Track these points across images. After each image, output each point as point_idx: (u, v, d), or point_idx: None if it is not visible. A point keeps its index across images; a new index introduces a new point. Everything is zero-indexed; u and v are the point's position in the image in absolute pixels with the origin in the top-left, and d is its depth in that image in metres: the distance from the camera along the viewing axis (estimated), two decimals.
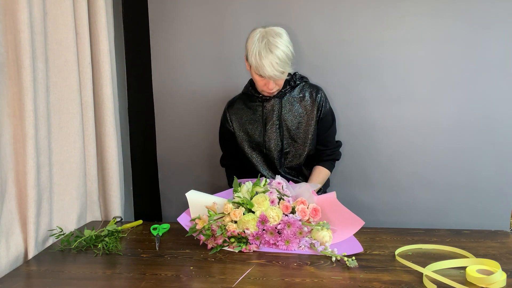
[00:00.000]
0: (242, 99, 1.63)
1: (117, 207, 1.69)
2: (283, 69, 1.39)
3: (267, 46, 1.36)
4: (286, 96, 1.56)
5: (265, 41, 1.37)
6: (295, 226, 1.22)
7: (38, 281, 1.10)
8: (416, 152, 1.87)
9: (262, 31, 1.41)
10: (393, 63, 1.82)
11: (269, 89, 1.46)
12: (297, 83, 1.57)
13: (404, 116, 1.85)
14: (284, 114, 1.55)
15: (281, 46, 1.37)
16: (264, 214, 1.23)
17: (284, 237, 1.22)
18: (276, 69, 1.37)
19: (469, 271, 1.02)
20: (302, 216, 1.26)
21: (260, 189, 1.32)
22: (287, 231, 1.22)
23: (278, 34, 1.40)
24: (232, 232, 1.22)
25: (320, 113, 1.56)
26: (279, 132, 1.56)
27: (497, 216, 1.87)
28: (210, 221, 1.26)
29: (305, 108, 1.56)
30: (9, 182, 1.26)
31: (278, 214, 1.24)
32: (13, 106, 1.26)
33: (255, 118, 1.58)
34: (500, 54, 1.76)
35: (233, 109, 1.63)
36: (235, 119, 1.61)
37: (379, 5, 1.79)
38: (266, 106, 1.56)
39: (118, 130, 1.75)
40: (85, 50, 1.53)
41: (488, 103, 1.80)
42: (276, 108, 1.55)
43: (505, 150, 1.82)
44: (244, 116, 1.60)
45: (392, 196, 1.92)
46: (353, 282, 1.03)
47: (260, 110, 1.57)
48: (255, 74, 1.43)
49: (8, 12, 1.22)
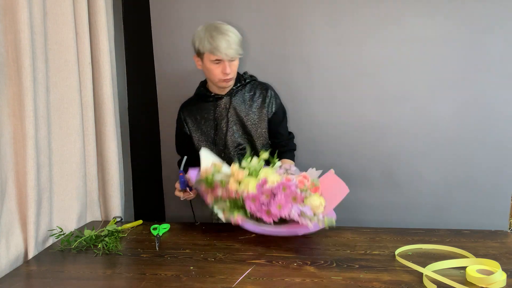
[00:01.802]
0: (195, 100, 1.65)
1: (117, 207, 1.69)
2: (237, 47, 1.44)
3: (216, 29, 1.43)
4: (238, 94, 1.60)
5: (213, 27, 1.44)
6: (290, 189, 1.23)
7: (38, 281, 1.10)
8: (416, 152, 1.87)
9: (205, 24, 1.47)
10: (392, 63, 1.82)
11: (226, 74, 1.48)
12: (247, 81, 1.62)
13: (404, 116, 1.85)
14: (237, 110, 1.58)
15: (229, 29, 1.44)
16: (266, 178, 1.26)
17: (277, 201, 1.22)
18: (231, 46, 1.42)
19: (469, 271, 1.03)
20: (300, 185, 1.27)
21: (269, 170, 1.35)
22: (281, 195, 1.22)
23: (221, 23, 1.47)
24: (231, 193, 1.26)
25: (271, 109, 1.60)
26: (234, 128, 1.59)
27: (496, 216, 1.87)
28: (214, 172, 1.30)
29: (257, 104, 1.60)
30: (9, 182, 1.26)
31: (278, 179, 1.26)
32: (13, 106, 1.26)
33: (209, 117, 1.60)
34: (499, 54, 1.76)
35: (187, 110, 1.64)
36: (190, 120, 1.62)
37: (378, 5, 1.79)
38: (219, 104, 1.59)
39: (118, 130, 1.75)
40: (85, 50, 1.54)
41: (488, 103, 1.80)
42: (229, 105, 1.58)
43: (504, 150, 1.82)
44: (198, 115, 1.62)
45: (392, 196, 1.92)
46: (353, 282, 1.03)
47: (213, 109, 1.60)
48: (210, 62, 1.46)
49: (8, 12, 1.22)
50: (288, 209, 1.22)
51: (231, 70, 1.48)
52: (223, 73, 1.47)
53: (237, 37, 1.45)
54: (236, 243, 1.31)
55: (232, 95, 1.58)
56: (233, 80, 1.54)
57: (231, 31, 1.44)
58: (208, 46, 1.43)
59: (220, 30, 1.43)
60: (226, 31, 1.43)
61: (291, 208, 1.22)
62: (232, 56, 1.44)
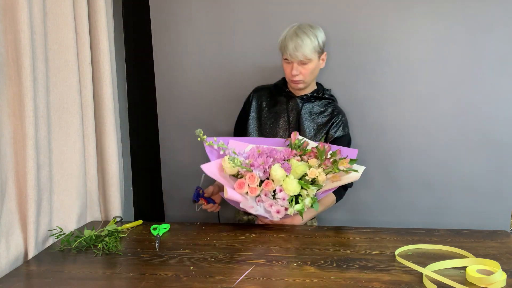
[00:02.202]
0: (270, 88, 1.67)
1: (117, 207, 1.69)
2: (304, 52, 1.44)
3: (296, 30, 1.47)
4: (310, 102, 1.61)
5: (296, 27, 1.48)
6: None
7: (38, 281, 1.10)
8: (416, 152, 1.87)
9: (299, 24, 1.51)
10: (393, 63, 1.82)
11: (292, 76, 1.50)
12: (324, 96, 1.62)
13: (404, 116, 1.85)
14: (301, 116, 1.58)
15: (308, 33, 1.46)
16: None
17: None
18: (297, 48, 1.44)
19: (469, 271, 1.03)
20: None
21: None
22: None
23: (310, 25, 1.50)
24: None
25: (333, 132, 1.59)
26: (289, 130, 1.59)
27: (497, 216, 1.87)
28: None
29: (320, 121, 1.60)
30: (9, 182, 1.26)
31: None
32: (13, 106, 1.26)
33: (273, 109, 1.62)
34: (499, 54, 1.76)
35: (257, 94, 1.67)
36: (255, 103, 1.65)
37: (379, 5, 1.79)
38: (288, 102, 1.60)
39: (118, 130, 1.75)
40: (85, 50, 1.53)
41: (488, 103, 1.80)
42: (296, 108, 1.59)
43: (505, 150, 1.82)
44: (265, 102, 1.64)
45: (392, 196, 1.92)
46: (353, 282, 1.03)
47: (281, 103, 1.61)
48: (283, 59, 1.52)
49: (8, 12, 1.22)
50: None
51: (300, 73, 1.49)
52: (291, 73, 1.49)
53: (312, 42, 1.45)
54: (236, 243, 1.31)
55: (305, 100, 1.59)
56: (306, 84, 1.55)
57: (308, 35, 1.45)
58: (280, 44, 1.49)
59: (297, 31, 1.46)
60: (303, 34, 1.45)
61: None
62: (298, 59, 1.45)
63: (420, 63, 1.81)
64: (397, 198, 1.91)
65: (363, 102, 1.86)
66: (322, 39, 1.50)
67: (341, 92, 1.85)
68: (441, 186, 1.88)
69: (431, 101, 1.82)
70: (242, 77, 1.85)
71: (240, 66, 1.90)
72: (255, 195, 1.35)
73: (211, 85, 1.94)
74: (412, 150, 1.87)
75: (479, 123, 1.81)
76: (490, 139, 1.82)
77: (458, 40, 1.77)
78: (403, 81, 1.83)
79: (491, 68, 1.77)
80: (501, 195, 1.85)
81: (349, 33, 1.81)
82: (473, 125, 1.82)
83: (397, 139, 1.87)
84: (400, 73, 1.82)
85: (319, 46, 1.49)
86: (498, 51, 1.76)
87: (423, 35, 1.79)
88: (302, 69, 1.49)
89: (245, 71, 1.89)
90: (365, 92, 1.85)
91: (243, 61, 1.90)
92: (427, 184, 1.88)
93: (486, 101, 1.80)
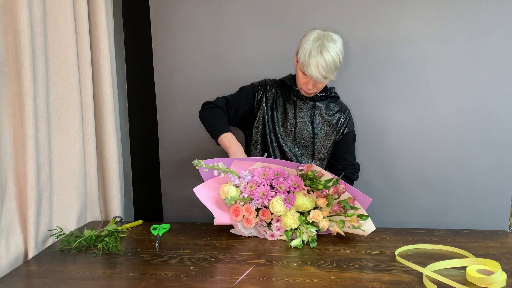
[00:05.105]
0: (280, 85, 1.63)
1: (117, 207, 1.69)
2: (326, 74, 1.41)
3: (319, 47, 1.39)
4: (322, 102, 1.60)
5: (319, 43, 1.40)
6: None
7: (38, 281, 1.10)
8: (416, 152, 1.87)
9: (320, 33, 1.44)
10: (393, 63, 1.82)
11: (307, 89, 1.49)
12: (331, 95, 1.62)
13: (404, 116, 1.85)
14: (313, 114, 1.58)
15: (332, 51, 1.40)
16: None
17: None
18: (320, 71, 1.40)
19: (469, 271, 1.03)
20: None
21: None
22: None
23: (333, 40, 1.42)
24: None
25: (342, 132, 1.61)
26: (294, 128, 1.59)
27: (497, 216, 1.87)
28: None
29: (333, 119, 1.60)
30: (9, 182, 1.26)
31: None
32: (13, 106, 1.26)
33: (284, 105, 1.60)
34: (499, 54, 1.76)
35: (271, 85, 1.61)
36: (268, 93, 1.60)
37: (379, 5, 1.79)
38: (299, 101, 1.59)
39: (118, 130, 1.75)
40: (85, 50, 1.53)
41: (488, 103, 1.80)
42: (307, 105, 1.58)
43: (504, 150, 1.82)
44: (278, 99, 1.60)
45: (392, 196, 1.92)
46: (353, 282, 1.03)
47: (291, 102, 1.60)
48: (300, 70, 1.46)
49: (8, 12, 1.22)
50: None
51: (315, 87, 1.49)
52: (306, 86, 1.48)
53: (333, 61, 1.40)
54: (236, 243, 1.31)
55: (316, 99, 1.58)
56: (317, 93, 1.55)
57: (331, 53, 1.39)
58: (302, 59, 1.42)
59: (321, 49, 1.39)
60: (327, 52, 1.39)
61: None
62: (317, 81, 1.44)
63: (420, 63, 1.81)
64: (397, 198, 1.91)
65: (363, 102, 1.86)
66: (342, 54, 1.44)
67: (341, 92, 1.84)
68: (441, 186, 1.88)
69: (431, 101, 1.82)
70: (242, 77, 1.85)
71: (239, 66, 1.90)
72: (251, 227, 1.33)
73: (211, 85, 1.94)
74: (412, 150, 1.87)
75: (479, 123, 1.81)
76: (490, 139, 1.82)
77: (458, 40, 1.77)
78: (404, 81, 1.83)
79: (492, 68, 1.77)
80: (501, 195, 1.85)
81: (349, 33, 1.81)
82: (473, 125, 1.82)
83: (398, 139, 1.87)
84: (401, 73, 1.82)
85: (339, 63, 1.44)
86: (498, 51, 1.76)
87: (423, 35, 1.79)
88: (318, 84, 1.48)
89: (245, 71, 1.89)
90: (365, 92, 1.85)
91: (243, 61, 1.90)
92: (427, 184, 1.88)
93: (486, 101, 1.80)
